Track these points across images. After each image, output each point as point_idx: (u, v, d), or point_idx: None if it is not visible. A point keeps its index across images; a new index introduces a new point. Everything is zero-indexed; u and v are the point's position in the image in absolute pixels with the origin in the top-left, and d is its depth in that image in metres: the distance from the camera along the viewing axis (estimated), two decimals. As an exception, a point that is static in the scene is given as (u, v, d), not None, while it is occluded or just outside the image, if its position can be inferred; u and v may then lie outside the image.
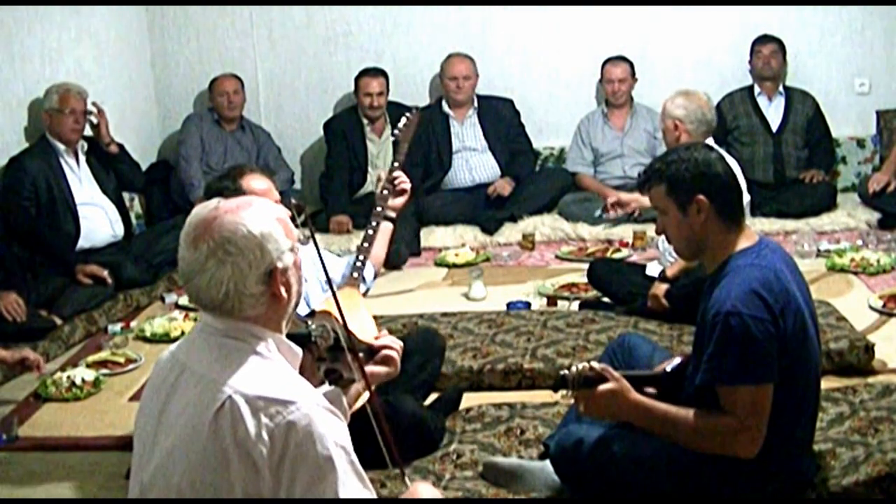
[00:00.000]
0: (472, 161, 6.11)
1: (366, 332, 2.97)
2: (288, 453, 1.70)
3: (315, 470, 1.71)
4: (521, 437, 3.06)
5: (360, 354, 2.21)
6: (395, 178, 3.53)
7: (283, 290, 1.82)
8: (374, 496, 1.79)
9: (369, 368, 2.24)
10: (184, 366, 1.84)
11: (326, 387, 2.09)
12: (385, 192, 3.53)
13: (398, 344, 2.34)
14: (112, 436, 3.45)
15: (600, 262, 4.65)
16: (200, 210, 1.84)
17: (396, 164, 3.60)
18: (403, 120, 3.77)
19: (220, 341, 1.82)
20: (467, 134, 6.17)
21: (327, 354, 2.12)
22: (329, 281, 2.10)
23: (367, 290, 3.46)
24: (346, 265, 3.40)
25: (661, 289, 4.02)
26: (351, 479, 1.74)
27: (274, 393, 1.74)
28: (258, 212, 1.83)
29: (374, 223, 3.48)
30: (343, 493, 1.72)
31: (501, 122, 6.20)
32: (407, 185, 3.53)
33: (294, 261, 1.86)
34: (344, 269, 3.39)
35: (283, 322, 1.89)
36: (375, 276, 3.55)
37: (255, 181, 3.05)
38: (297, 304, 1.92)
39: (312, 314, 2.25)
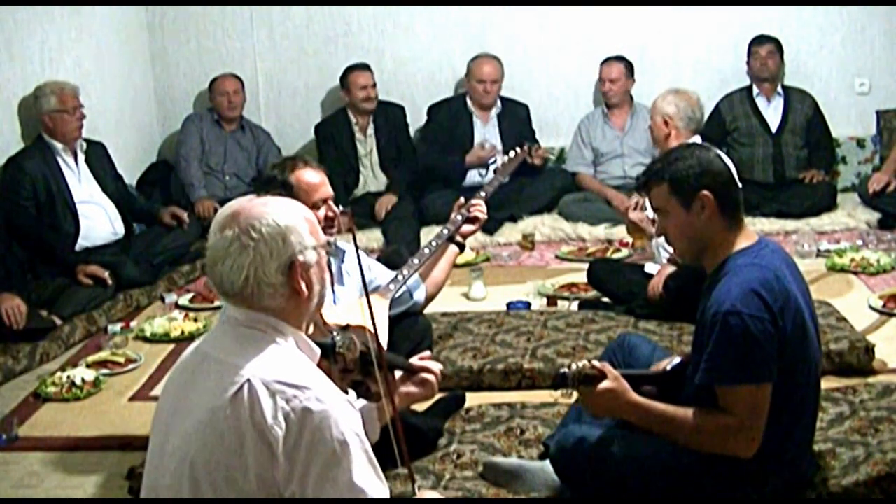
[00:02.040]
0: (489, 161, 6.09)
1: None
2: (304, 437, 1.73)
3: (330, 454, 1.74)
4: (521, 437, 3.06)
5: (399, 373, 2.21)
6: (474, 205, 3.49)
7: (303, 285, 1.86)
8: (386, 487, 1.82)
9: (405, 388, 2.28)
10: (205, 354, 1.89)
11: (359, 401, 2.10)
12: (459, 217, 3.49)
13: (438, 367, 2.37)
14: (112, 436, 3.45)
15: (600, 263, 4.64)
16: (234, 202, 1.91)
17: (483, 194, 3.56)
18: (512, 153, 3.79)
19: (240, 331, 1.86)
20: (489, 134, 6.15)
21: (356, 367, 2.12)
22: (368, 298, 2.08)
23: (415, 305, 3.42)
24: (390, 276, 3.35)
25: (666, 271, 4.00)
26: (365, 467, 1.78)
27: (291, 378, 1.77)
28: (286, 207, 1.89)
29: (434, 244, 3.42)
30: (357, 479, 1.75)
31: (516, 126, 6.17)
32: (481, 214, 3.49)
33: (317, 261, 1.89)
34: (388, 279, 3.33)
35: (303, 320, 1.92)
36: (429, 300, 3.49)
37: (308, 174, 3.03)
38: (318, 305, 1.95)
39: (347, 328, 2.26)
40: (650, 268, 4.27)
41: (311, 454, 1.73)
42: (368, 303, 2.05)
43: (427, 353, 2.49)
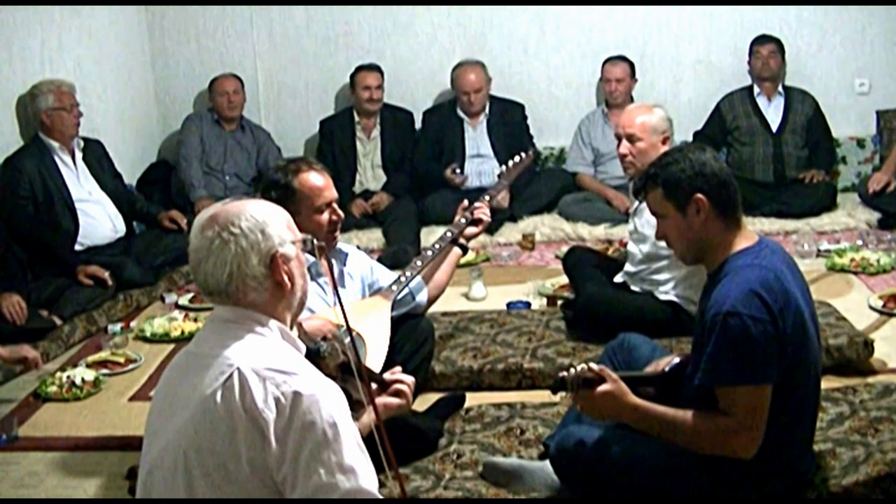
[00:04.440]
0: (483, 167, 6.04)
1: (375, 344, 2.96)
2: (294, 420, 1.76)
3: (321, 437, 1.76)
4: (521, 437, 3.06)
5: (374, 386, 2.23)
6: (477, 208, 3.49)
7: (286, 278, 1.90)
8: (373, 470, 1.84)
9: (382, 400, 2.31)
10: (193, 354, 1.93)
11: None
12: (463, 220, 3.50)
13: (410, 379, 2.39)
14: (112, 436, 3.45)
15: (575, 251, 4.48)
16: (211, 206, 1.97)
17: (487, 197, 3.57)
18: (517, 158, 3.80)
19: (226, 327, 1.90)
20: (480, 140, 6.12)
21: (338, 374, 2.13)
22: (343, 310, 2.08)
23: (417, 306, 3.43)
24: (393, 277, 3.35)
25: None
26: (354, 449, 1.80)
27: (280, 365, 1.82)
28: (262, 204, 1.96)
29: (437, 246, 3.43)
30: (347, 461, 1.77)
31: (508, 127, 6.13)
32: (485, 217, 3.50)
33: (297, 255, 1.94)
34: (391, 280, 3.34)
35: (288, 314, 1.96)
36: (431, 302, 3.50)
37: (312, 177, 3.00)
38: (302, 300, 1.99)
39: (325, 338, 2.28)
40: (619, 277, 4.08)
41: (302, 437, 1.75)
42: (345, 317, 2.05)
43: (398, 369, 2.50)
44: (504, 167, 3.82)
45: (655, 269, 3.82)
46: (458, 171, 5.99)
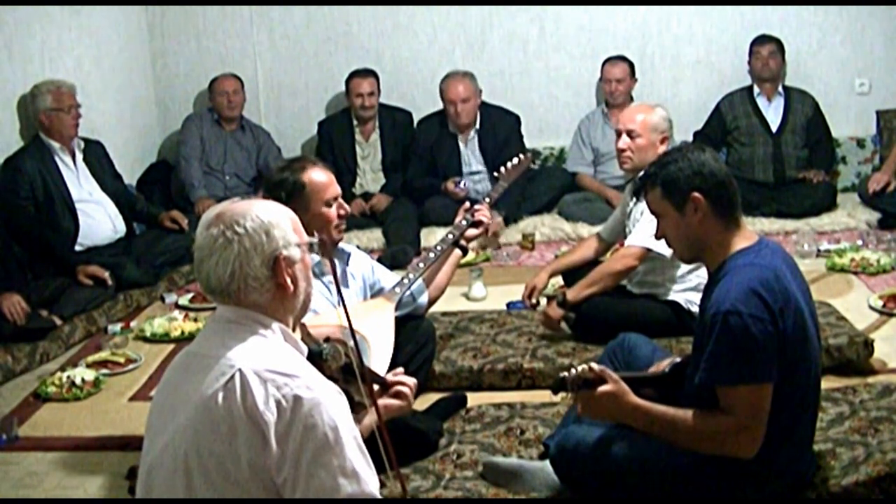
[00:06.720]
0: (480, 186, 5.95)
1: (379, 346, 2.96)
2: (295, 423, 1.76)
3: (322, 440, 1.76)
4: (521, 437, 3.06)
5: (375, 387, 2.23)
6: (478, 210, 3.51)
7: (288, 280, 1.90)
8: (375, 473, 1.84)
9: (383, 401, 2.33)
10: (193, 354, 1.93)
11: None
12: (464, 221, 3.51)
13: (412, 381, 2.40)
14: (112, 436, 3.45)
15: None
16: (218, 205, 1.97)
17: (487, 200, 3.59)
18: (514, 160, 3.81)
19: (228, 327, 1.89)
20: (473, 155, 6.03)
21: (340, 375, 2.14)
22: (345, 310, 2.08)
23: (418, 308, 3.44)
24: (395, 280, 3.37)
25: (556, 313, 3.86)
26: (356, 453, 1.80)
27: (281, 367, 1.81)
28: (269, 205, 1.95)
29: (439, 248, 3.44)
30: (349, 463, 1.78)
31: (501, 139, 5.97)
32: (485, 219, 3.51)
33: (301, 258, 1.93)
34: (393, 282, 3.35)
35: (290, 316, 1.95)
36: (431, 303, 3.51)
37: (317, 173, 3.05)
38: (305, 303, 1.98)
39: (328, 340, 2.29)
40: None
41: (303, 440, 1.76)
42: (348, 317, 2.05)
43: (400, 370, 2.50)
44: (503, 168, 3.82)
45: (649, 269, 3.83)
46: (460, 184, 5.92)
